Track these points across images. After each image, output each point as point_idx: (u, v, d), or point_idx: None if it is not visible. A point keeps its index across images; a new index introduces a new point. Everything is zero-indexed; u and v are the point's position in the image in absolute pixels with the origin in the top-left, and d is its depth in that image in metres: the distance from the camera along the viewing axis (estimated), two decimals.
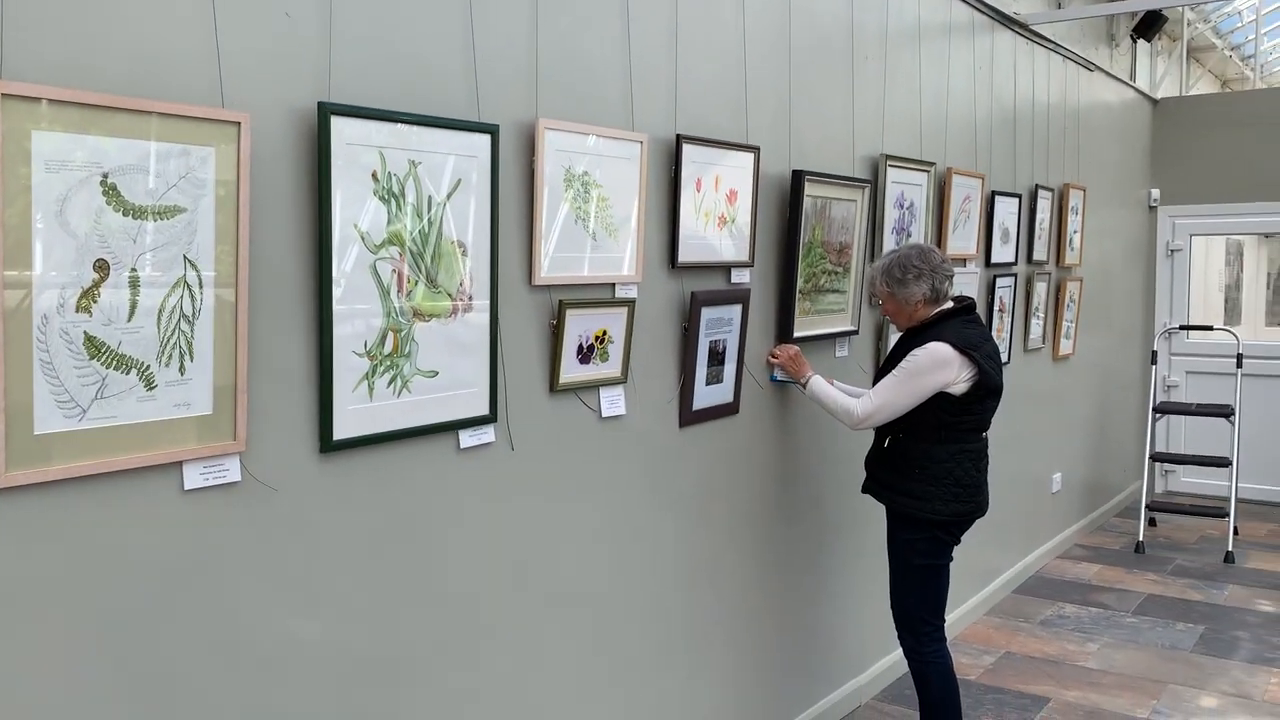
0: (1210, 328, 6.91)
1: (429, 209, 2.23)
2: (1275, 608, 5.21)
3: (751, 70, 3.23)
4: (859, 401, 3.22)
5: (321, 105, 2.01)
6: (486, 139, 2.33)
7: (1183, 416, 7.41)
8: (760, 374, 3.42)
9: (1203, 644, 4.70)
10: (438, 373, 2.28)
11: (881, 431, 3.32)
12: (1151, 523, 6.85)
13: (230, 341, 1.91)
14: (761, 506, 3.46)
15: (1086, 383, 6.49)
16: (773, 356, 3.43)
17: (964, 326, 3.19)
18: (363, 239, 2.10)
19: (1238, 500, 6.99)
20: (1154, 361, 6.90)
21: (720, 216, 3.13)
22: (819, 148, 3.61)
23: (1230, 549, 6.08)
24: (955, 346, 3.12)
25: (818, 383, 3.35)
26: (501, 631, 2.50)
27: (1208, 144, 7.49)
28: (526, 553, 2.56)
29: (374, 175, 2.11)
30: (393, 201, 2.15)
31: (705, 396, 3.16)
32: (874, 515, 4.07)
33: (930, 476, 3.18)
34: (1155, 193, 7.62)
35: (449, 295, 2.29)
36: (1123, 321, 7.17)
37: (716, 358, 3.18)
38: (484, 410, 2.40)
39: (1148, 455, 6.63)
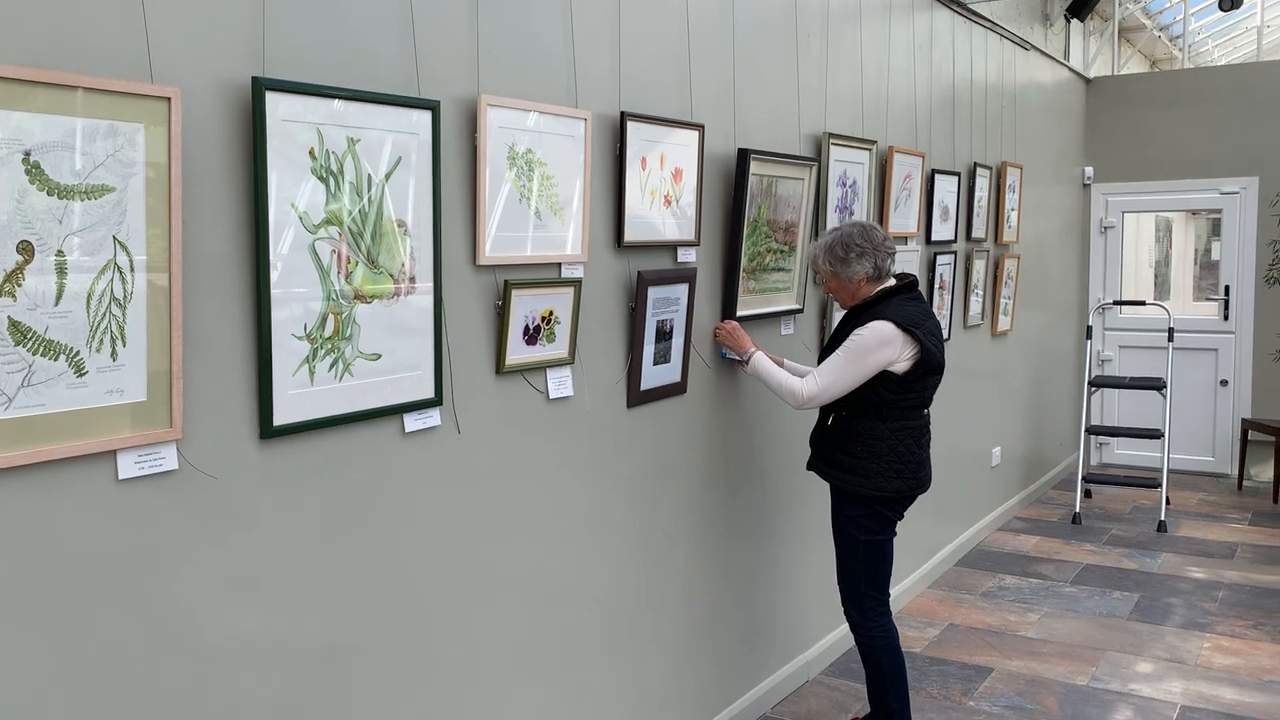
0: (1143, 303, 7.07)
1: (369, 188, 2.17)
2: (1206, 574, 5.36)
3: (695, 47, 3.21)
4: (804, 382, 3.22)
5: (256, 80, 1.95)
6: (427, 116, 2.28)
7: (1116, 390, 7.59)
8: (707, 353, 3.41)
9: (1138, 611, 4.82)
10: (380, 355, 2.23)
11: (825, 409, 3.34)
12: (1087, 494, 7.01)
13: (164, 326, 1.85)
14: (709, 485, 3.46)
15: (1024, 358, 6.60)
16: (716, 332, 3.41)
17: (906, 304, 3.21)
18: (300, 219, 2.05)
19: (1170, 471, 7.18)
20: (1089, 336, 7.04)
21: (666, 195, 3.11)
22: (764, 126, 3.60)
23: (1163, 518, 6.24)
24: (898, 324, 3.13)
25: (760, 360, 3.33)
26: (449, 617, 2.47)
27: (1139, 123, 7.63)
28: (474, 537, 2.53)
29: (311, 153, 2.05)
30: (331, 180, 2.09)
31: (653, 376, 3.14)
32: (820, 492, 4.10)
33: (872, 453, 3.20)
34: (1089, 170, 7.76)
35: (391, 276, 2.24)
36: (1059, 298, 7.30)
37: (664, 337, 3.16)
38: (429, 393, 2.35)
39: (1083, 428, 6.77)
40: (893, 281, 3.27)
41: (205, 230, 1.91)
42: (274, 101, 1.97)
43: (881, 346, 3.12)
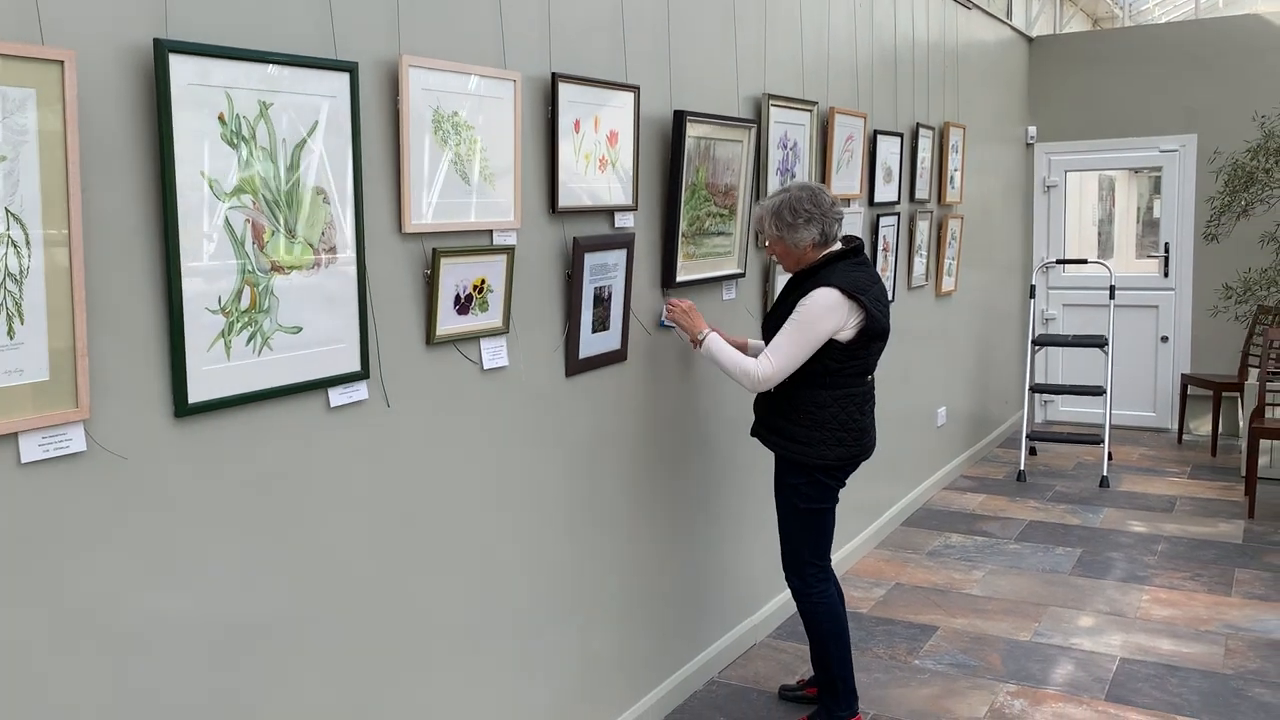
0: (1085, 261, 7.13)
1: (284, 154, 2.09)
2: (1146, 528, 5.45)
3: (629, 6, 3.13)
4: (756, 363, 3.13)
5: (158, 42, 1.85)
6: (344, 78, 2.19)
7: (1060, 348, 7.67)
8: (648, 319, 3.37)
9: (1080, 566, 4.89)
10: (302, 328, 2.16)
11: None
12: (1032, 451, 7.10)
13: (66, 302, 1.76)
14: (652, 453, 3.43)
15: (968, 318, 6.64)
16: (668, 309, 3.32)
17: (852, 269, 3.17)
18: (211, 187, 1.96)
19: (1112, 426, 7.30)
20: (1032, 295, 7.10)
21: (601, 159, 3.05)
22: (701, 87, 3.54)
23: (1105, 474, 6.34)
24: (843, 291, 3.09)
25: (714, 341, 3.21)
26: (384, 592, 2.42)
27: (1081, 82, 7.67)
28: (407, 511, 2.47)
29: (220, 118, 1.97)
30: (243, 146, 2.01)
31: (591, 344, 3.09)
32: (763, 457, 4.09)
33: (815, 422, 3.18)
34: (1032, 130, 7.79)
35: (310, 246, 2.16)
36: (1003, 257, 7.35)
37: (602, 304, 3.11)
38: (355, 366, 2.29)
39: (1027, 386, 6.84)
40: (838, 246, 3.24)
41: (108, 201, 1.82)
42: (178, 64, 1.88)
43: (828, 314, 3.08)
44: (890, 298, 5.16)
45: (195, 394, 1.96)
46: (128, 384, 1.87)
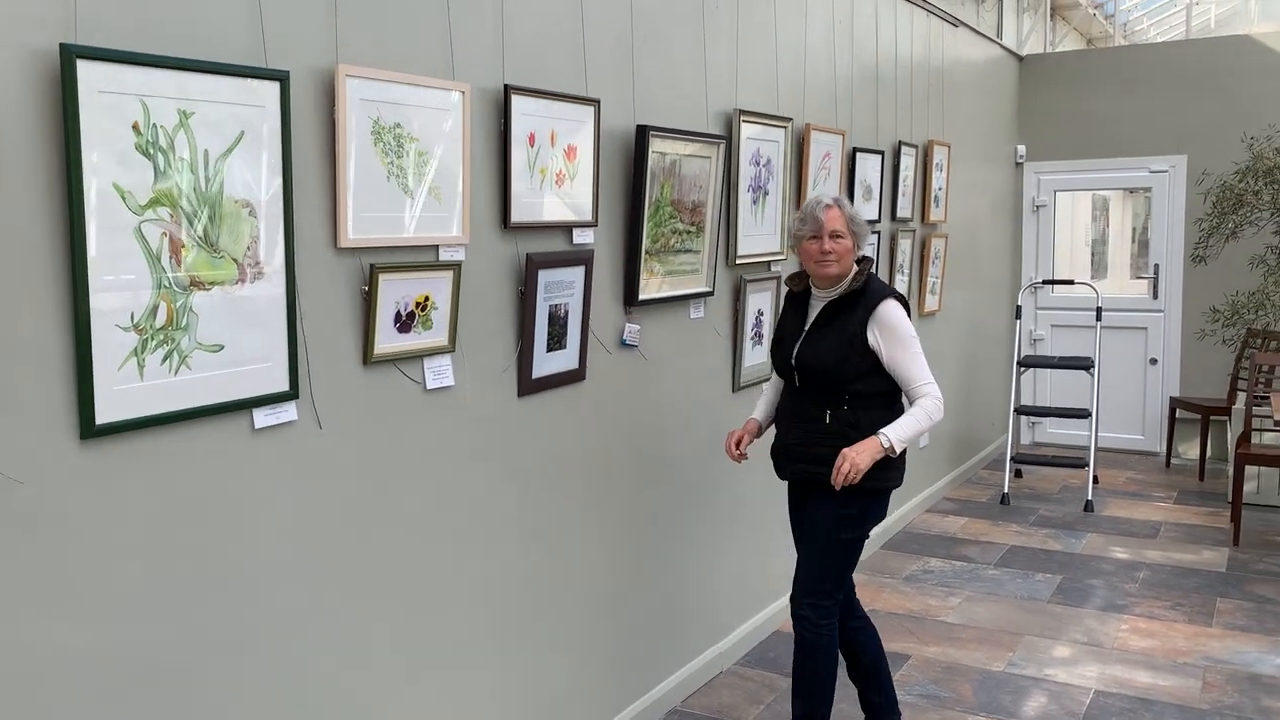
0: (1071, 281, 7.05)
1: (206, 165, 2.01)
2: (1129, 554, 5.35)
3: (589, 16, 3.06)
4: (926, 397, 3.01)
5: (65, 48, 1.77)
6: (275, 87, 2.11)
7: (1048, 369, 7.58)
8: (609, 338, 3.28)
9: (1060, 594, 4.79)
10: (223, 346, 2.07)
11: (817, 405, 3.06)
12: (1017, 474, 7.00)
13: None
14: (614, 475, 3.34)
15: (954, 338, 6.55)
16: (847, 480, 2.93)
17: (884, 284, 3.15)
18: (124, 199, 1.88)
19: (1100, 449, 7.20)
20: (1018, 316, 7.01)
21: (559, 173, 2.97)
22: (667, 102, 3.46)
23: (1090, 498, 6.24)
24: (902, 302, 3.08)
25: (894, 430, 2.97)
26: (313, 625, 2.32)
27: (1071, 101, 7.60)
28: (340, 537, 2.38)
29: (135, 127, 1.88)
30: (160, 156, 1.93)
31: (547, 364, 3.00)
32: (731, 479, 4.00)
33: None
34: (1021, 149, 7.72)
35: (234, 261, 2.08)
36: (990, 277, 7.26)
37: (558, 323, 3.03)
38: (283, 386, 2.20)
39: (1012, 408, 6.74)
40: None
41: (10, 212, 1.74)
42: (88, 71, 1.80)
43: (910, 324, 3.07)
44: None
45: (103, 415, 1.87)
46: (28, 404, 1.78)
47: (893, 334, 3.01)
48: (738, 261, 3.94)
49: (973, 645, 4.21)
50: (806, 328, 3.14)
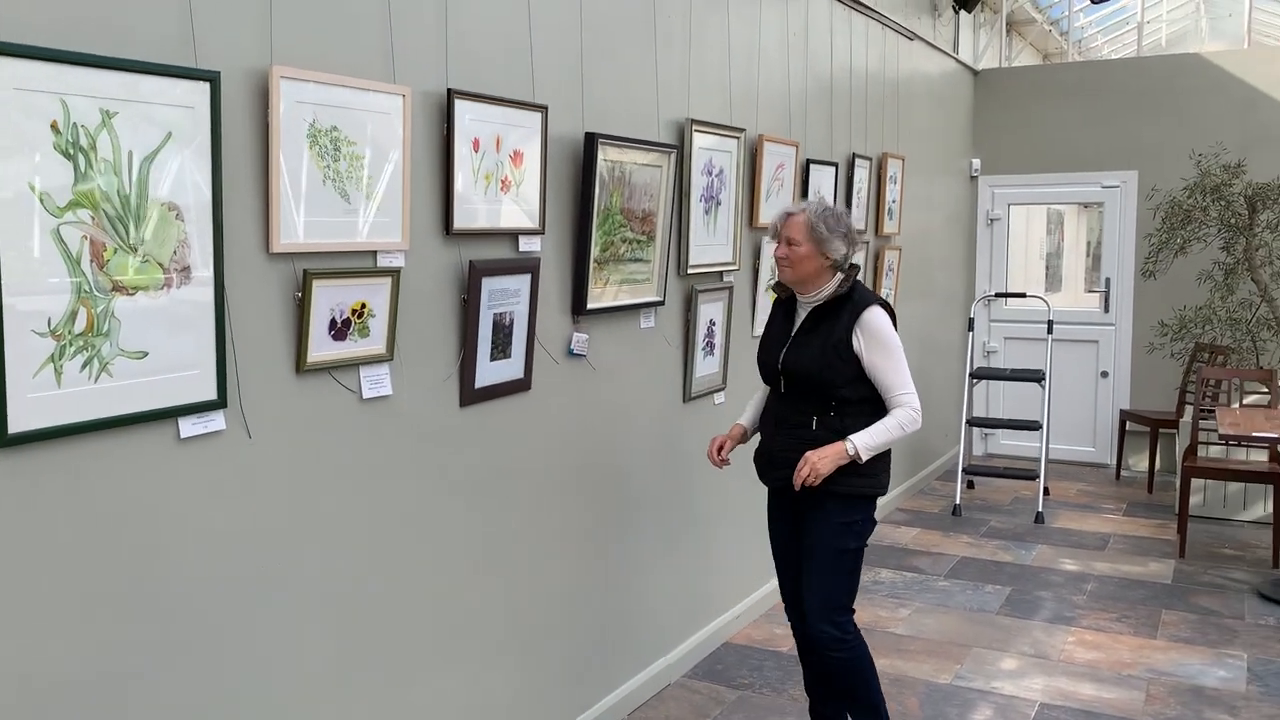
0: (1023, 294, 7.11)
1: (130, 167, 1.95)
2: (1077, 566, 5.39)
3: (538, 21, 3.02)
4: (902, 408, 2.98)
5: None
6: (204, 88, 2.06)
7: (1000, 381, 7.64)
8: (556, 348, 3.24)
9: (1008, 605, 4.81)
10: (147, 353, 2.01)
11: (800, 412, 3.05)
12: (970, 485, 7.04)
13: None
14: (560, 486, 3.30)
15: (907, 350, 6.52)
16: (807, 482, 2.94)
17: (870, 292, 3.14)
18: (41, 201, 1.82)
19: (1050, 461, 7.26)
20: (970, 328, 7.06)
21: (504, 180, 2.93)
22: (618, 109, 3.43)
23: (1040, 509, 6.29)
24: (886, 308, 3.06)
25: (861, 438, 2.94)
26: (241, 641, 2.26)
27: (1025, 115, 7.68)
28: (271, 550, 2.32)
29: (54, 126, 1.82)
30: (80, 157, 1.87)
31: (490, 373, 2.96)
32: (682, 490, 3.98)
33: None
34: (976, 163, 7.79)
35: (160, 265, 2.02)
36: (945, 289, 7.31)
37: (503, 331, 2.98)
38: (210, 395, 2.14)
39: (965, 419, 6.78)
40: (842, 275, 3.10)
41: None
42: (2, 68, 1.74)
43: (893, 330, 3.05)
44: None
45: (17, 423, 1.81)
46: None
47: (875, 340, 3.00)
48: (689, 271, 3.92)
49: (921, 657, 4.20)
50: (793, 333, 3.12)
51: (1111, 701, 3.81)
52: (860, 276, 3.18)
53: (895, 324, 3.09)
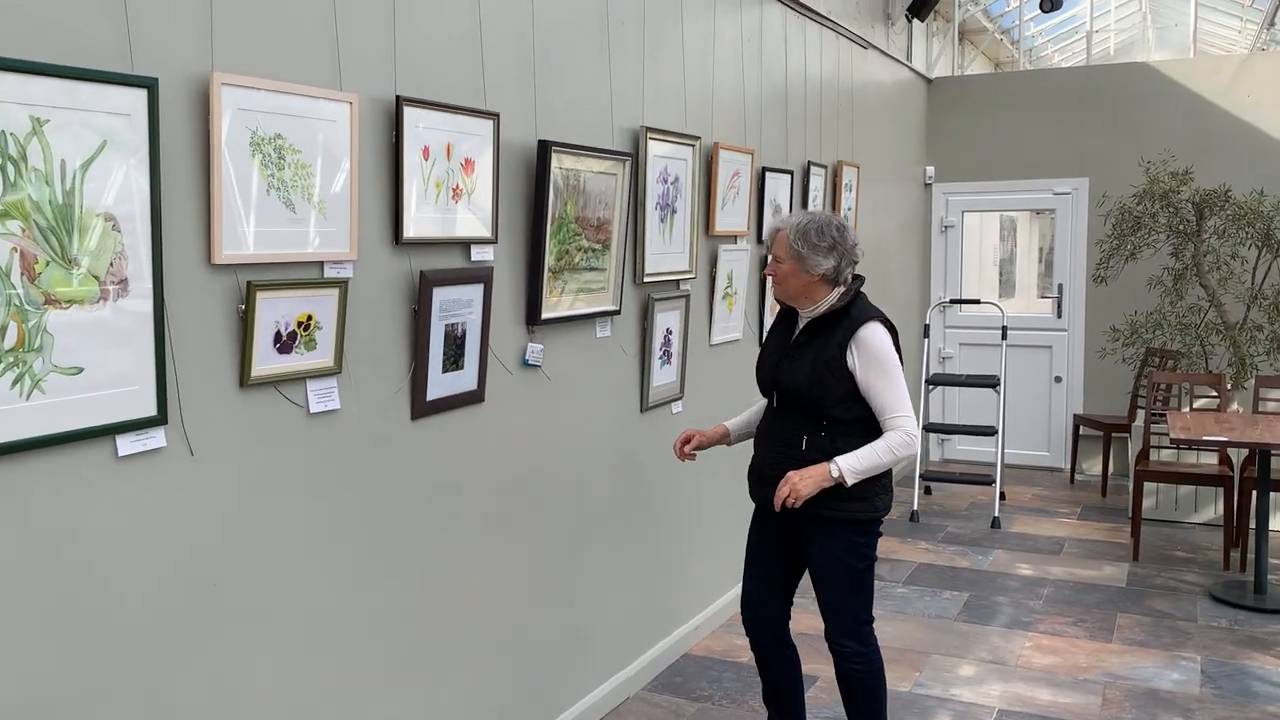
0: (977, 301, 7.16)
1: (63, 176, 1.88)
2: (1034, 571, 5.42)
3: (489, 28, 2.98)
4: (898, 430, 2.89)
5: None
6: (141, 95, 2.00)
7: (955, 387, 7.69)
8: (510, 358, 3.19)
9: (966, 611, 4.82)
10: (83, 369, 1.94)
11: (790, 432, 2.99)
12: (927, 491, 7.08)
13: None
14: (514, 498, 3.25)
15: None
16: (788, 503, 2.88)
17: (872, 306, 3.04)
18: None
19: (1005, 466, 7.31)
20: (926, 335, 7.10)
21: (455, 188, 2.88)
22: (571, 117, 3.40)
23: (997, 514, 6.33)
24: (886, 325, 2.98)
25: (847, 461, 2.85)
26: (191, 666, 2.19)
27: (978, 123, 7.75)
28: (216, 572, 2.25)
29: None
30: (10, 167, 1.80)
31: (442, 385, 2.91)
32: (640, 501, 3.94)
33: None
34: (930, 170, 7.84)
35: (95, 278, 1.95)
36: (900, 296, 7.34)
37: (455, 342, 2.93)
38: (149, 411, 2.07)
39: (921, 425, 6.81)
40: (843, 288, 3.01)
41: None
42: None
43: (892, 348, 2.96)
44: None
45: None
46: None
47: (871, 357, 2.90)
48: (645, 280, 3.89)
49: None
50: (788, 346, 3.05)
51: (1068, 706, 3.82)
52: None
53: (897, 341, 3.00)
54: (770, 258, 3.04)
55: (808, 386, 2.94)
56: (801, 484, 2.85)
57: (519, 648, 3.30)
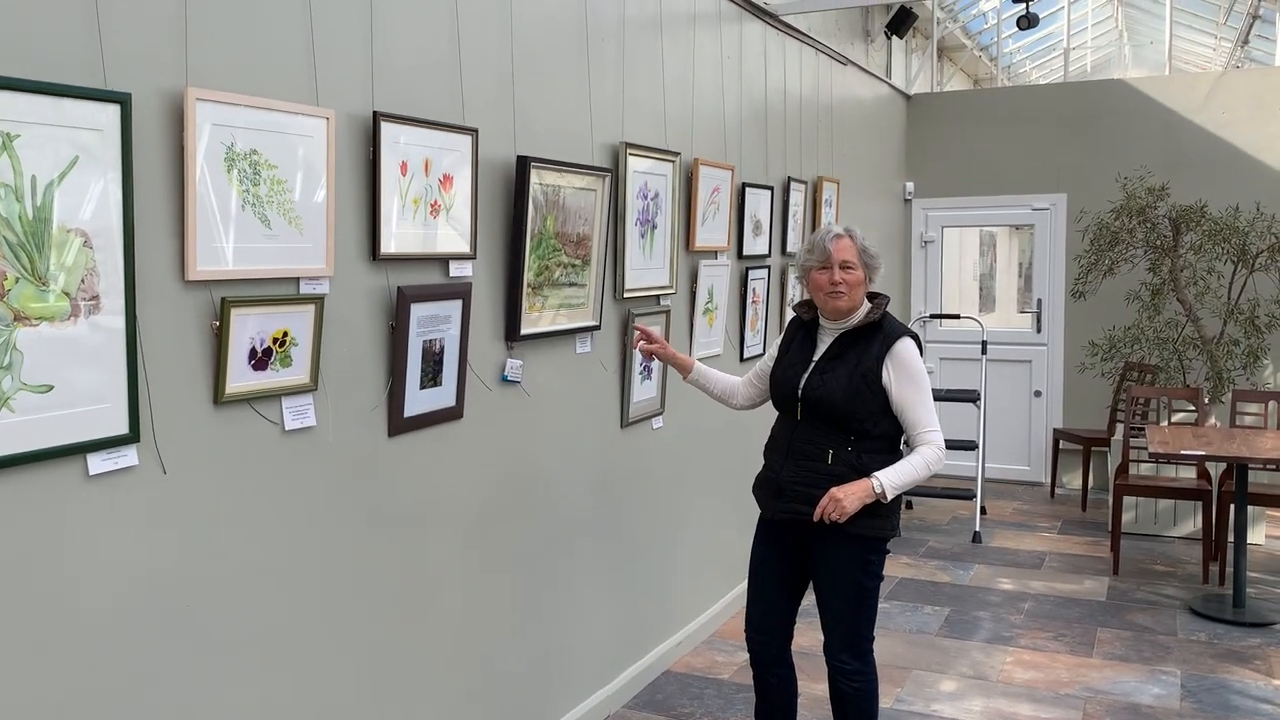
0: (957, 316, 7.20)
1: (33, 192, 1.86)
2: (1014, 585, 5.43)
3: (467, 44, 2.98)
4: (928, 446, 2.88)
5: None
6: (114, 110, 1.98)
7: (936, 402, 7.70)
8: (489, 374, 3.18)
9: (947, 626, 4.82)
10: (53, 387, 1.92)
11: (817, 443, 2.94)
12: (908, 505, 7.08)
13: None
14: (494, 515, 3.22)
15: None
16: (835, 518, 2.84)
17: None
18: None
19: (986, 480, 7.33)
20: None
21: (434, 204, 2.87)
22: (551, 133, 3.39)
23: (978, 529, 6.34)
24: (917, 340, 2.98)
25: (889, 475, 2.83)
26: (162, 688, 2.15)
27: (957, 139, 7.80)
28: (188, 592, 2.22)
29: None
30: None
31: (420, 401, 2.89)
32: (621, 516, 3.93)
33: None
34: (910, 185, 7.88)
35: (66, 295, 1.93)
36: None
37: (433, 359, 2.92)
38: (121, 429, 2.04)
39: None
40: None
41: None
42: None
43: (922, 363, 2.96)
44: (761, 351, 5.09)
45: None
46: None
47: (905, 373, 2.90)
48: (626, 295, 3.89)
49: None
50: (816, 359, 3.02)
51: None
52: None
53: (922, 356, 3.02)
54: (836, 265, 2.97)
55: (844, 400, 2.89)
56: (847, 500, 2.82)
57: (498, 665, 3.27)
